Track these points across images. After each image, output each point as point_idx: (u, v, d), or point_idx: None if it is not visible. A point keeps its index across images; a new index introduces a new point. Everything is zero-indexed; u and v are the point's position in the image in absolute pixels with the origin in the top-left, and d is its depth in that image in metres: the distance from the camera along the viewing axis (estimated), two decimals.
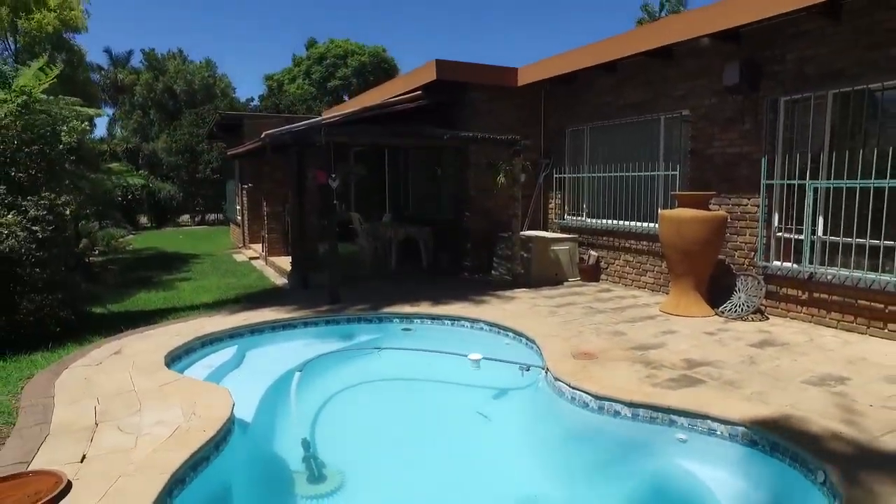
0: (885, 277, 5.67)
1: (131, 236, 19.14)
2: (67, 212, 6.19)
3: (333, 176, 7.49)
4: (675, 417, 3.95)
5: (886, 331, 5.68)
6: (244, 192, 14.30)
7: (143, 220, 25.88)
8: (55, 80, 7.42)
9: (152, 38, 77.37)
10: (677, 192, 7.15)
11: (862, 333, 5.86)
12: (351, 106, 13.14)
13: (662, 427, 3.96)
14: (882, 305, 5.70)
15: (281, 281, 9.84)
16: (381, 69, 37.43)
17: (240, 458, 3.79)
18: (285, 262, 10.82)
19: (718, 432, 3.79)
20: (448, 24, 75.40)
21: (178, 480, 3.16)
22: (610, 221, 9.12)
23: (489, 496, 3.67)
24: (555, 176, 10.16)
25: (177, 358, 5.42)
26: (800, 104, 6.52)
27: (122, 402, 4.16)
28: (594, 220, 9.49)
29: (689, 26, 7.18)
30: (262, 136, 9.19)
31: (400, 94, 9.82)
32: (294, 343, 6.32)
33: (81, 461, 3.27)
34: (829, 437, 3.45)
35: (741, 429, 3.69)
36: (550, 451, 4.27)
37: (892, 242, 5.67)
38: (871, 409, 3.90)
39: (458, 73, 9.27)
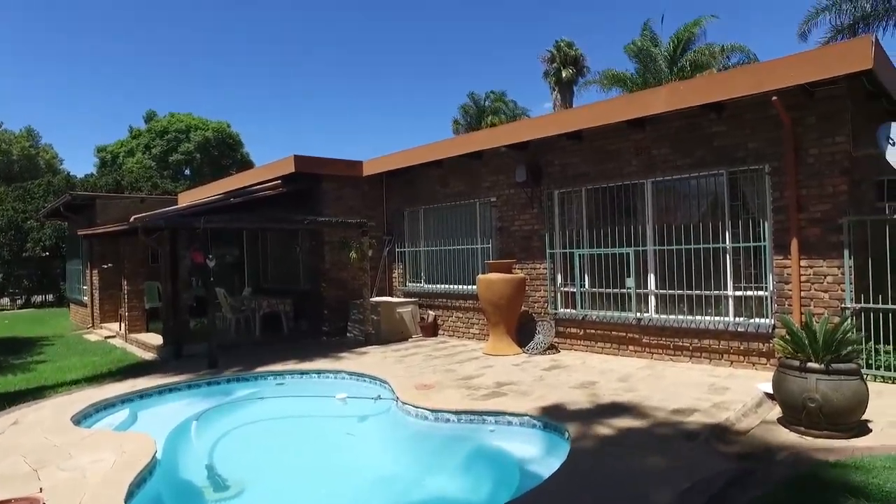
0: (624, 314, 8.28)
1: None
2: None
3: (210, 256, 8.65)
4: (485, 417, 5.83)
5: (628, 351, 8.26)
6: (97, 271, 14.35)
7: None
8: None
9: None
10: (489, 261, 9.46)
11: (615, 355, 8.40)
12: (211, 189, 14.18)
13: (478, 424, 5.80)
14: (624, 334, 8.29)
15: (149, 355, 10.42)
16: (226, 144, 37.89)
17: (166, 480, 4.90)
18: (148, 338, 11.37)
19: (513, 422, 5.71)
20: (292, 102, 77.15)
21: (130, 493, 4.26)
22: (443, 286, 11.25)
23: (357, 482, 5.17)
24: (397, 250, 12.19)
25: (79, 422, 6.18)
26: (567, 195, 9.21)
27: (51, 454, 4.97)
28: (430, 286, 11.57)
29: (493, 138, 9.78)
30: (132, 219, 10.06)
31: (262, 182, 11.28)
32: (182, 402, 7.27)
33: (41, 492, 4.20)
34: (574, 413, 5.55)
35: (526, 417, 5.65)
36: (401, 450, 5.92)
37: (624, 290, 8.32)
38: (604, 395, 6.14)
39: (314, 166, 11.04)
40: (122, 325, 12.69)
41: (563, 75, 31.96)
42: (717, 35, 31.14)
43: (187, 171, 36.85)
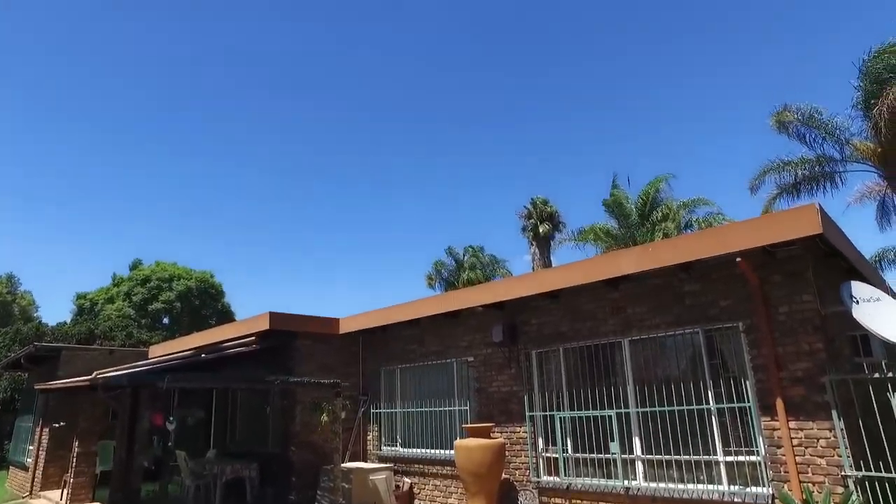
0: (611, 483, 7.72)
1: None
2: None
3: (171, 419, 8.12)
4: None
5: None
6: (48, 430, 13.37)
7: None
8: None
9: None
10: (466, 425, 9.00)
11: None
12: (183, 343, 13.79)
13: None
14: None
15: None
16: (208, 294, 37.80)
17: None
18: None
19: None
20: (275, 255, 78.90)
21: None
22: (419, 450, 10.62)
23: None
24: (372, 411, 11.67)
25: None
26: (545, 355, 9.05)
27: None
28: (406, 450, 10.91)
29: (469, 298, 9.81)
30: (94, 375, 9.57)
31: (236, 338, 11.01)
32: None
33: None
34: None
35: None
36: None
37: (609, 456, 7.84)
38: None
39: (289, 323, 10.89)
40: (65, 493, 11.54)
41: (540, 231, 33.30)
42: (681, 185, 33.26)
43: (166, 320, 36.29)
